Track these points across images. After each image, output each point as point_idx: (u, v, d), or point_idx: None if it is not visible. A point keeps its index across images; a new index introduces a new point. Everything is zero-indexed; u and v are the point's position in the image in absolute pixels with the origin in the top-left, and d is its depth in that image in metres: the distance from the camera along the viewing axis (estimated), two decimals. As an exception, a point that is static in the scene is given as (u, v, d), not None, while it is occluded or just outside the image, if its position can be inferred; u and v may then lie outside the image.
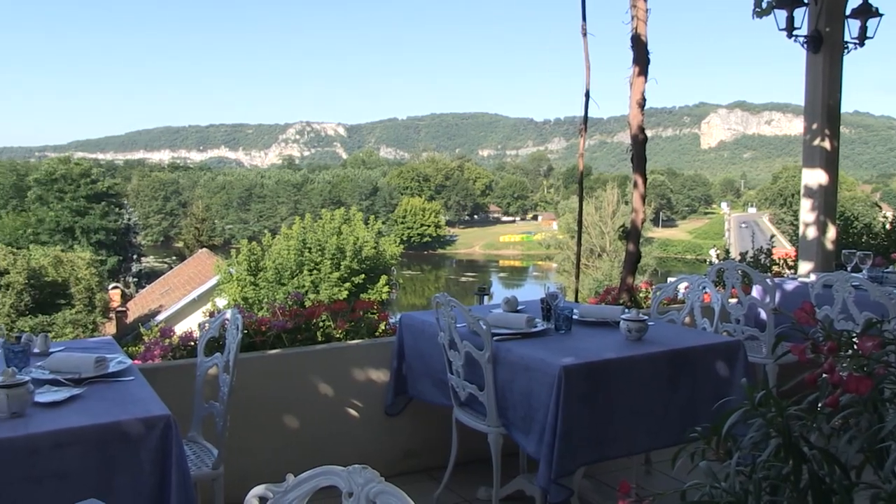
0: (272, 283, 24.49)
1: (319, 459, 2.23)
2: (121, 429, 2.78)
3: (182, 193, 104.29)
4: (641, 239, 7.11)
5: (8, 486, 2.59)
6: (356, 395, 4.88)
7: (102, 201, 53.37)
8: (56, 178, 54.13)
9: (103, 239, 51.91)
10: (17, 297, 22.57)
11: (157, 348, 4.65)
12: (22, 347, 3.46)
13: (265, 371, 4.63)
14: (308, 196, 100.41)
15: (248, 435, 4.46)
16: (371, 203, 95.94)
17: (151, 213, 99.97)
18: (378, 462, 1.74)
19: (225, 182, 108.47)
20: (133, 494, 2.76)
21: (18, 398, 2.79)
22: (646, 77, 6.61)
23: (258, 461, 4.53)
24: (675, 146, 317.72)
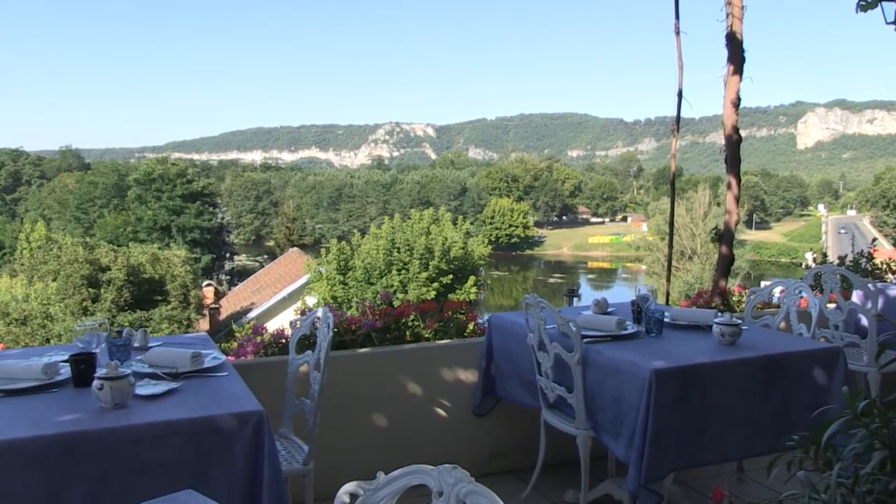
0: (361, 282, 24.79)
1: (407, 458, 2.24)
2: (215, 423, 2.85)
3: (273, 193, 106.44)
4: (734, 241, 6.94)
5: (114, 473, 2.69)
6: (444, 394, 4.89)
7: (197, 201, 54.90)
8: (154, 178, 55.92)
9: (198, 237, 53.38)
10: (117, 293, 23.36)
11: (249, 345, 4.75)
12: (123, 342, 3.57)
13: (355, 369, 4.68)
14: (397, 196, 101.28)
15: (338, 432, 4.51)
16: (459, 203, 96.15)
17: (244, 212, 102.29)
18: (465, 462, 1.74)
19: (315, 182, 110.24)
20: (227, 486, 2.83)
21: (121, 390, 2.89)
22: (741, 76, 6.45)
23: (347, 458, 4.58)
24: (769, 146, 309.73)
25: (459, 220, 28.74)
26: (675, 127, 7.07)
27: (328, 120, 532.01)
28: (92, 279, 23.39)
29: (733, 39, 6.41)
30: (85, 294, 22.93)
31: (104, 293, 23.23)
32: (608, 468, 4.45)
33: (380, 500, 1.77)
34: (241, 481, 2.85)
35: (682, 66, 6.64)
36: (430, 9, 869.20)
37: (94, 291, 23.23)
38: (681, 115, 6.82)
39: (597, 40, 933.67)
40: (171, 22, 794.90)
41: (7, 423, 2.80)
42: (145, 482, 2.73)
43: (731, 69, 6.46)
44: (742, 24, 6.41)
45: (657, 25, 10.00)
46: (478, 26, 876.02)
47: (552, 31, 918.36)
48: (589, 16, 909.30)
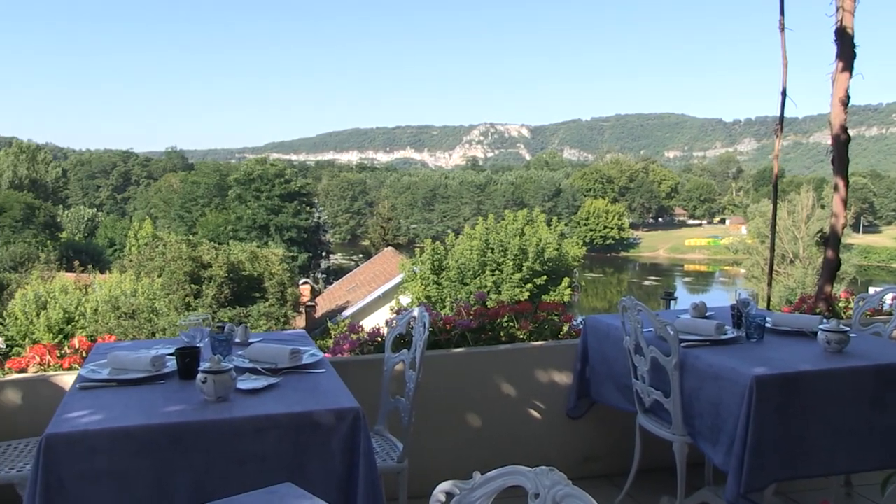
0: (455, 282, 24.88)
1: (499, 459, 2.24)
2: (313, 418, 2.90)
3: (369, 193, 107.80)
4: (840, 245, 6.70)
5: (216, 463, 2.78)
6: (538, 396, 4.88)
7: (295, 200, 55.96)
8: (253, 178, 57.25)
9: (295, 236, 54.42)
10: (217, 290, 24.00)
11: (346, 343, 4.82)
12: (225, 337, 3.68)
13: (449, 369, 4.70)
14: (491, 197, 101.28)
15: (431, 431, 4.54)
16: (554, 204, 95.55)
17: (340, 211, 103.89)
18: (558, 465, 1.72)
19: (410, 182, 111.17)
20: (323, 481, 2.88)
21: (223, 384, 2.98)
22: (851, 73, 6.20)
23: (440, 457, 4.61)
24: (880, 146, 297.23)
25: (554, 222, 28.57)
26: (778, 126, 6.87)
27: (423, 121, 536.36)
28: (194, 276, 24.10)
29: (843, 34, 6.18)
30: (188, 290, 23.65)
31: (205, 289, 23.90)
32: (705, 476, 4.35)
33: (476, 499, 1.78)
34: (337, 476, 2.90)
35: (787, 64, 6.45)
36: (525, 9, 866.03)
37: (196, 288, 23.93)
38: (784, 115, 6.62)
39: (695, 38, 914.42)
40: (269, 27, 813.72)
41: (120, 412, 2.93)
42: (245, 473, 2.81)
43: (839, 66, 6.23)
44: (853, 17, 6.17)
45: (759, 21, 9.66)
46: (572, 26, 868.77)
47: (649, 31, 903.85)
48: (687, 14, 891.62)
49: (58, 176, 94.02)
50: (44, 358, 4.50)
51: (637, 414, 4.20)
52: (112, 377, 3.36)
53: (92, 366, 3.56)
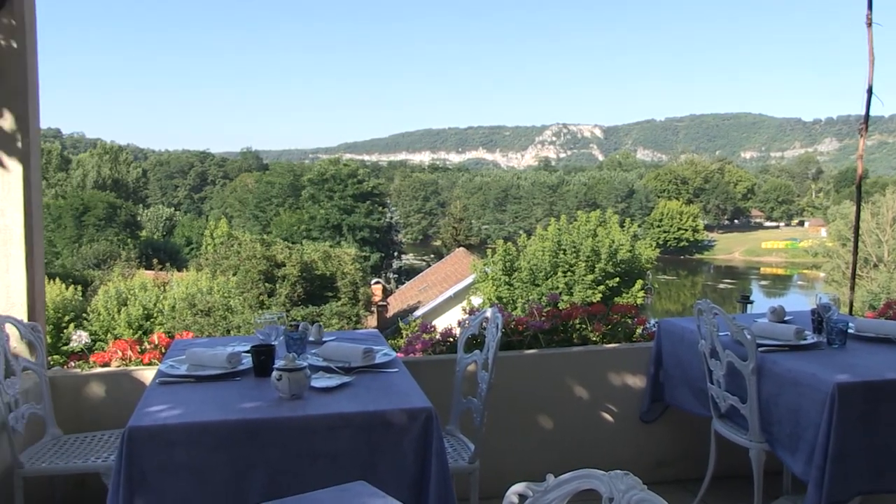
0: (526, 283, 24.81)
1: (571, 461, 2.22)
2: (386, 417, 2.92)
3: (441, 194, 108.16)
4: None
5: (290, 460, 2.82)
6: (611, 399, 4.83)
7: (367, 200, 56.50)
8: (327, 178, 57.97)
9: (367, 236, 54.92)
10: (291, 288, 24.36)
11: (418, 342, 4.84)
12: (300, 335, 3.73)
13: (522, 370, 4.69)
14: (563, 198, 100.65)
15: (503, 432, 4.54)
16: (627, 206, 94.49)
17: (412, 212, 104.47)
18: (630, 469, 1.70)
19: (482, 183, 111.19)
20: (395, 480, 2.89)
21: (298, 382, 3.02)
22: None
23: (511, 459, 4.59)
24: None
25: (626, 223, 28.25)
26: (862, 125, 6.66)
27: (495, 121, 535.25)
28: (268, 274, 24.50)
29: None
30: (262, 288, 24.06)
31: (279, 288, 24.27)
32: (783, 485, 4.25)
33: (549, 502, 1.76)
34: (409, 476, 2.91)
35: (873, 61, 6.25)
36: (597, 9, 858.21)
37: (270, 286, 24.32)
38: (870, 113, 6.42)
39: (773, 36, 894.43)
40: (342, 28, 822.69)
41: (198, 407, 2.99)
42: (318, 470, 2.84)
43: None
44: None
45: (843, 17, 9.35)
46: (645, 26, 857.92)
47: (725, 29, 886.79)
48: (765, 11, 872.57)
49: (138, 176, 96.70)
50: (125, 353, 4.62)
51: (712, 419, 4.12)
52: (190, 373, 3.44)
53: (171, 361, 3.65)
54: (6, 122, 4.10)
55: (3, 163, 4.11)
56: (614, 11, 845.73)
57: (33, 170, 4.24)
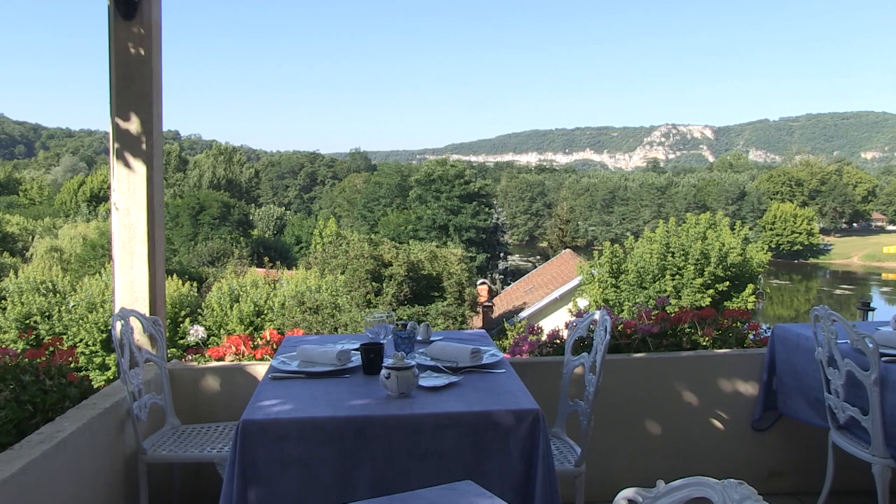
0: (633, 286, 24.43)
1: (679, 468, 2.18)
2: (493, 418, 2.93)
3: (547, 195, 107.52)
4: None
5: (397, 458, 2.86)
6: (721, 406, 4.70)
7: (474, 201, 56.61)
8: (434, 178, 58.36)
9: (473, 237, 55.03)
10: (398, 288, 24.61)
11: (525, 344, 4.83)
12: (408, 334, 3.77)
13: (629, 374, 4.62)
14: (672, 199, 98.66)
15: (609, 436, 4.48)
16: (738, 208, 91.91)
17: (518, 213, 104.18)
18: (741, 478, 1.65)
19: (589, 184, 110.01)
20: (501, 480, 2.90)
21: (406, 380, 3.06)
22: None
23: (617, 463, 4.54)
24: None
25: (737, 226, 27.46)
26: None
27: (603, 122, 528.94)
28: (375, 274, 24.83)
29: None
30: (369, 287, 24.40)
31: (386, 287, 24.57)
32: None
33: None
34: (515, 477, 2.91)
35: None
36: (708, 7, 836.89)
37: (377, 285, 24.64)
38: None
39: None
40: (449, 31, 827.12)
41: (308, 403, 3.07)
42: (425, 468, 2.87)
43: None
44: None
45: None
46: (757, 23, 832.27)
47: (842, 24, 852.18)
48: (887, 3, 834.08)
49: (251, 176, 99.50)
50: (239, 348, 4.77)
51: (830, 430, 3.97)
52: (301, 369, 3.52)
53: (282, 357, 3.75)
54: (132, 125, 4.28)
55: (129, 164, 4.29)
56: (726, 9, 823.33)
57: (156, 170, 4.42)
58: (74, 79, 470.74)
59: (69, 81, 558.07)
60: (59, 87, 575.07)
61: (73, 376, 3.93)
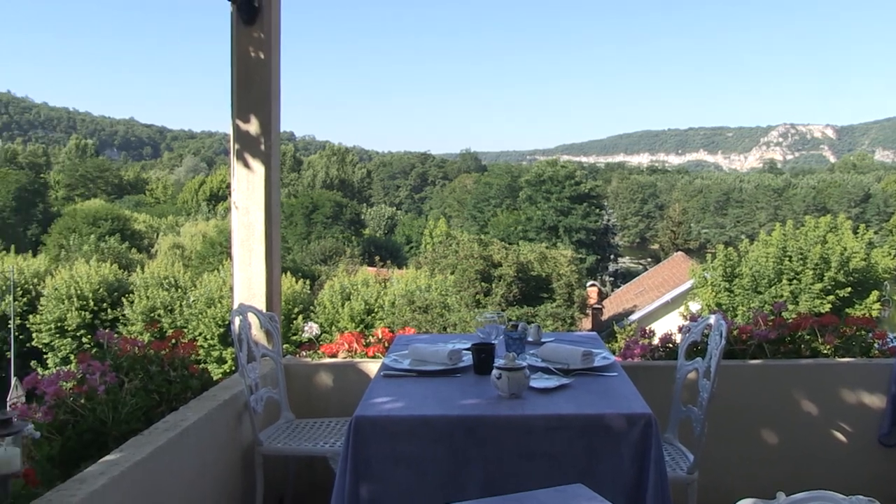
0: (748, 290, 23.75)
1: (797, 481, 2.11)
2: (604, 421, 2.90)
3: (659, 196, 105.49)
4: None
5: (507, 458, 2.86)
6: (843, 417, 4.52)
7: (584, 202, 56.13)
8: (544, 179, 58.13)
9: (583, 238, 54.59)
10: (507, 288, 24.64)
11: (636, 347, 4.76)
12: (519, 335, 3.77)
13: (745, 381, 4.49)
14: (790, 202, 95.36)
15: (723, 444, 4.36)
16: (861, 211, 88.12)
17: (629, 214, 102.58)
18: (866, 495, 1.58)
19: (702, 186, 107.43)
20: (612, 484, 2.87)
21: (517, 381, 3.06)
22: None
23: (731, 472, 4.42)
24: None
25: (861, 229, 26.34)
26: None
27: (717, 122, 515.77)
28: (485, 274, 24.91)
29: None
30: (478, 287, 24.50)
31: (495, 288, 24.62)
32: None
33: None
34: (626, 482, 2.88)
35: None
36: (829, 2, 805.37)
37: (486, 286, 24.72)
38: None
39: None
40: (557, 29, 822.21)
41: (420, 401, 3.11)
42: (534, 470, 2.87)
43: None
44: None
45: None
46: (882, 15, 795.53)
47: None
48: None
49: (363, 176, 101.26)
50: (351, 345, 4.86)
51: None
52: (412, 368, 3.57)
53: (394, 355, 3.80)
54: (252, 126, 4.42)
55: (249, 164, 4.43)
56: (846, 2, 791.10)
57: (274, 170, 4.54)
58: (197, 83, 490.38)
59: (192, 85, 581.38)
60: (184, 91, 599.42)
61: (195, 368, 4.09)
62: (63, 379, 3.45)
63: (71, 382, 3.45)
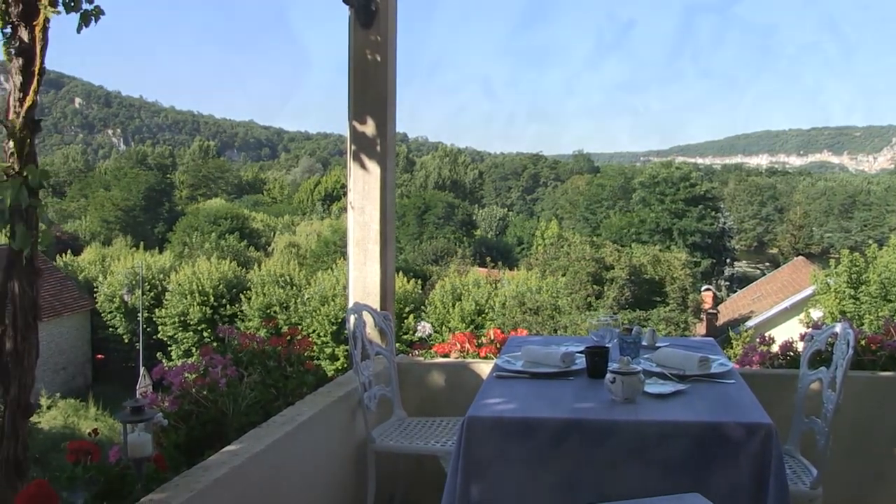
0: (876, 298, 22.70)
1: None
2: (722, 430, 2.83)
3: (779, 199, 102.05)
4: None
5: (619, 463, 2.83)
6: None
7: (699, 205, 54.88)
8: (658, 181, 57.15)
9: (698, 241, 53.36)
10: (619, 291, 24.32)
11: (755, 354, 4.62)
12: (633, 339, 3.71)
13: (874, 394, 4.28)
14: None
15: (849, 459, 4.17)
16: None
17: (746, 217, 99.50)
18: None
19: (826, 188, 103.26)
20: (729, 496, 2.79)
21: (632, 386, 3.01)
22: None
23: (858, 489, 4.24)
24: None
25: None
26: None
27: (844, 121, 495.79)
28: (596, 276, 24.65)
29: None
30: (590, 290, 24.26)
31: (607, 291, 24.34)
32: None
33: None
34: (744, 494, 2.80)
35: None
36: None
37: (598, 288, 24.46)
38: None
39: None
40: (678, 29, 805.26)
41: (532, 402, 3.10)
42: (648, 476, 2.82)
43: None
44: None
45: None
46: None
47: None
48: None
49: (475, 177, 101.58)
50: (464, 345, 4.89)
51: None
52: (525, 369, 3.55)
53: (507, 357, 3.79)
54: (369, 128, 4.49)
55: (365, 165, 4.50)
56: None
57: (389, 171, 4.60)
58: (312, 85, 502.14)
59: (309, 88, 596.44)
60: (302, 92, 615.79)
61: (310, 365, 4.19)
62: (187, 371, 3.60)
63: (194, 374, 3.59)
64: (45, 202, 2.76)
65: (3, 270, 2.64)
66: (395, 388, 4.37)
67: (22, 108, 2.62)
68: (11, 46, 2.65)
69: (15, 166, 2.62)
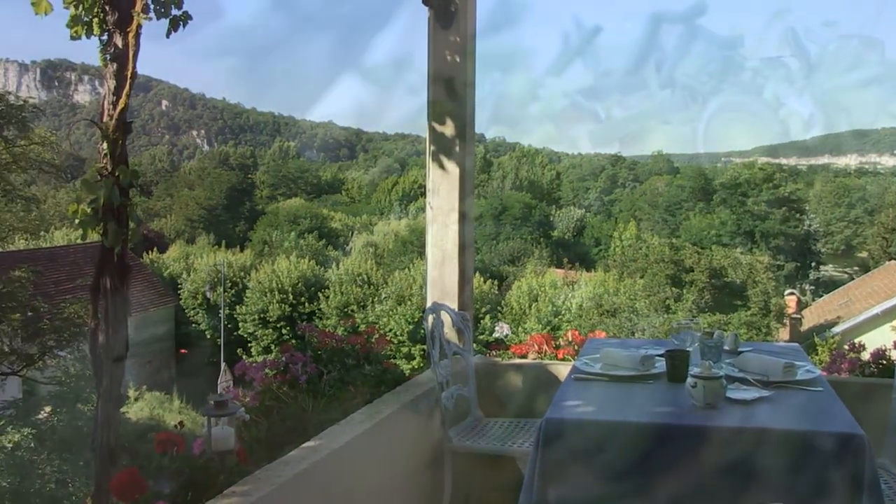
0: (969, 304, 21.88)
1: None
2: (809, 439, 2.74)
3: (869, 201, 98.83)
4: None
5: (700, 470, 2.77)
6: None
7: (783, 206, 53.53)
8: (740, 182, 55.94)
9: (782, 244, 52.06)
10: (698, 294, 23.92)
11: (844, 362, 4.49)
12: (715, 343, 3.63)
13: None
14: None
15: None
16: None
17: (833, 220, 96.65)
18: None
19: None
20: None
21: (714, 391, 2.95)
22: None
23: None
24: None
25: None
26: None
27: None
28: (675, 279, 24.29)
29: None
30: (668, 292, 23.90)
31: (686, 293, 23.96)
32: None
33: None
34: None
35: None
36: None
37: (677, 291, 24.09)
38: None
39: None
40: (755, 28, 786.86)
41: (611, 406, 3.07)
42: (730, 485, 2.75)
43: None
44: None
45: None
46: None
47: None
48: None
49: (552, 178, 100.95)
50: (541, 347, 4.87)
51: None
52: (604, 372, 3.51)
53: (586, 359, 3.76)
54: (448, 128, 4.50)
55: (444, 166, 4.52)
56: None
57: (468, 172, 4.61)
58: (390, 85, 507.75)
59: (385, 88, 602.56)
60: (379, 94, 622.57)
61: (389, 363, 4.22)
62: (268, 367, 3.67)
63: (274, 371, 3.66)
64: (134, 201, 2.85)
65: (95, 267, 2.73)
66: (472, 389, 4.37)
67: (115, 111, 2.71)
68: (107, 52, 2.74)
69: (108, 167, 2.71)
